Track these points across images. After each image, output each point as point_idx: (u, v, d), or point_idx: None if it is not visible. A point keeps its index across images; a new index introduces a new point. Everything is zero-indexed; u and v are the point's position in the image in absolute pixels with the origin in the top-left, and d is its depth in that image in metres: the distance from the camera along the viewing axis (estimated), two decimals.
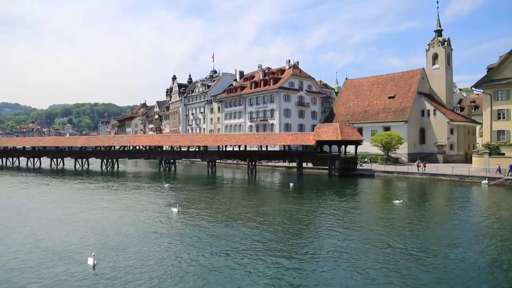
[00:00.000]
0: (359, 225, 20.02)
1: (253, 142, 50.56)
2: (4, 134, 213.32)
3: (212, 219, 20.90)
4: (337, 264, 13.50)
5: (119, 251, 14.87)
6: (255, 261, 13.73)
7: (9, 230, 18.64)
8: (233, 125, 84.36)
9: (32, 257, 14.35)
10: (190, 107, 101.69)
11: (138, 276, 12.23)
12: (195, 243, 16.07)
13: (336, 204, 26.72)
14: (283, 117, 72.71)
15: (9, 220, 21.09)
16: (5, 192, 34.47)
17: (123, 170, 61.46)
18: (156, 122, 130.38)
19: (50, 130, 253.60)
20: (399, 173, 44.53)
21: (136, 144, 60.98)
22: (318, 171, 49.92)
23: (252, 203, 27.27)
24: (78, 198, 29.95)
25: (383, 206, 26.69)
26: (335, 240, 16.71)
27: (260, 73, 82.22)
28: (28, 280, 11.98)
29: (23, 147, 77.61)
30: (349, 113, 66.52)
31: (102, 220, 21.00)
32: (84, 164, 65.87)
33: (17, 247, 15.64)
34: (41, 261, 13.81)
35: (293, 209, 24.75)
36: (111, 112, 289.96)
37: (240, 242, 16.18)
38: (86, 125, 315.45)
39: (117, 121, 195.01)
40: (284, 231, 18.41)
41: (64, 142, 73.50)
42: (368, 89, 69.78)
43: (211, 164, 52.75)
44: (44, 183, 42.03)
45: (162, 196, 31.25)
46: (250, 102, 79.71)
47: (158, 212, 23.54)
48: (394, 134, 54.18)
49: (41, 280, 11.96)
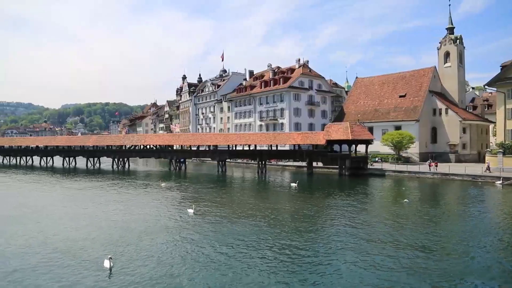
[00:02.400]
0: (369, 224, 19.91)
1: (263, 142, 50.55)
2: (18, 134, 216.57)
3: (227, 220, 20.96)
4: (349, 262, 13.48)
5: (135, 253, 14.93)
6: (269, 260, 13.76)
7: (22, 228, 18.94)
8: (243, 124, 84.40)
9: (46, 256, 14.56)
10: (200, 106, 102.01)
11: (155, 280, 12.18)
12: (211, 244, 16.06)
13: (346, 203, 26.59)
14: (293, 116, 72.51)
15: (23, 218, 21.43)
16: (19, 190, 35.01)
17: (134, 169, 61.92)
18: (167, 122, 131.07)
19: (62, 130, 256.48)
20: (410, 173, 44.14)
21: (147, 143, 61.39)
22: (328, 170, 49.71)
23: (264, 203, 27.24)
24: (91, 197, 30.28)
25: (393, 205, 26.49)
26: (346, 238, 16.68)
27: (269, 72, 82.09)
28: (42, 281, 12.14)
29: (36, 146, 78.64)
30: (360, 112, 66.13)
31: (116, 220, 21.19)
32: (96, 163, 66.50)
33: (30, 246, 15.88)
34: (55, 261, 13.97)
35: (303, 208, 24.70)
36: (122, 112, 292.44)
37: (256, 242, 16.25)
38: (97, 124, 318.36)
39: (128, 121, 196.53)
40: (295, 230, 18.38)
41: (76, 141, 74.37)
42: (379, 88, 69.27)
43: (221, 163, 52.86)
44: (56, 181, 42.55)
45: (174, 195, 31.41)
46: (260, 101, 79.65)
47: (173, 212, 23.61)
48: (405, 133, 53.69)
49: (55, 282, 12.09)
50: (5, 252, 15.14)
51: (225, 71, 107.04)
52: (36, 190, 35.97)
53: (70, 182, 42.38)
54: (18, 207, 25.71)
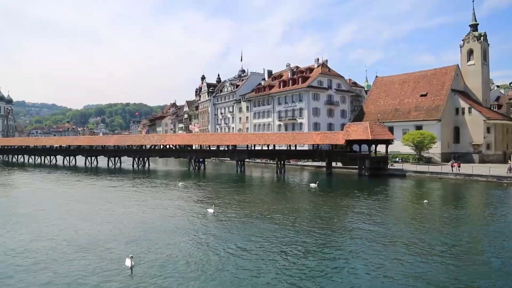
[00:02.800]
0: (388, 225, 19.69)
1: (282, 141, 50.47)
2: (42, 134, 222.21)
3: (246, 219, 21.07)
4: (367, 263, 13.36)
5: (155, 252, 15.11)
6: (288, 261, 13.77)
7: (46, 225, 19.45)
8: (261, 124, 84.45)
9: (68, 252, 14.93)
10: (219, 106, 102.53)
11: (176, 278, 12.32)
12: (231, 244, 16.15)
13: (365, 203, 26.33)
14: (312, 116, 72.13)
15: (48, 216, 21.98)
16: (44, 189, 35.91)
17: (154, 168, 62.70)
18: (186, 122, 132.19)
19: (84, 130, 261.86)
20: (432, 173, 43.34)
21: (167, 143, 62.08)
22: (347, 170, 49.28)
23: (283, 203, 27.23)
24: (112, 196, 30.89)
25: (413, 207, 26.11)
26: (364, 239, 16.53)
27: (288, 72, 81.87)
28: (64, 277, 12.43)
29: (59, 146, 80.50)
30: (380, 112, 65.31)
31: (137, 218, 21.55)
32: (117, 163, 67.58)
33: (54, 242, 16.29)
34: (78, 259, 14.29)
35: (322, 208, 24.59)
36: (142, 112, 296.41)
37: (275, 242, 16.28)
38: (118, 124, 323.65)
39: (148, 121, 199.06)
40: (314, 231, 18.30)
41: (97, 141, 75.83)
42: (399, 87, 68.24)
43: (240, 163, 53.02)
44: (79, 180, 43.48)
45: (193, 194, 31.67)
46: (278, 101, 79.53)
47: (193, 211, 23.82)
48: (426, 133, 52.77)
49: (76, 279, 12.37)
50: (30, 248, 15.57)
51: (243, 71, 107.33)
52: (60, 188, 36.88)
53: (92, 181, 43.24)
54: (43, 205, 26.48)
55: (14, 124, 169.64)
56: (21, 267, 13.45)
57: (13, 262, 13.89)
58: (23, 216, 22.50)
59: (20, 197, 31.78)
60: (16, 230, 18.98)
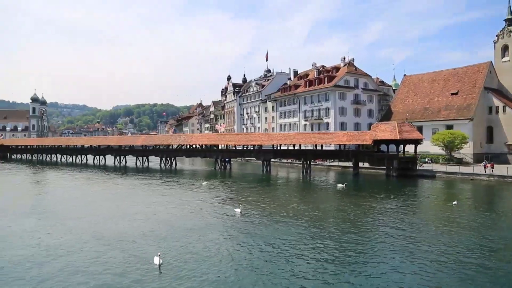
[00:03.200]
0: (415, 226, 19.27)
1: (308, 141, 50.17)
2: (74, 134, 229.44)
3: (273, 219, 21.05)
4: (394, 265, 13.10)
5: (183, 250, 15.28)
6: (315, 261, 13.68)
7: (77, 222, 20.02)
8: (287, 124, 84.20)
9: (97, 249, 15.32)
10: (245, 106, 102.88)
11: (204, 278, 12.40)
12: (258, 244, 16.17)
13: (392, 204, 25.82)
14: (338, 116, 71.36)
15: (79, 213, 22.61)
16: (75, 187, 37.02)
17: (180, 168, 63.53)
18: (212, 122, 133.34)
19: (113, 130, 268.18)
20: (463, 175, 42.05)
21: (193, 143, 62.83)
22: (375, 171, 48.50)
23: (310, 203, 27.08)
24: (140, 194, 31.52)
25: (441, 208, 25.44)
26: (391, 240, 16.22)
27: (314, 71, 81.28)
28: (93, 273, 12.76)
29: (90, 146, 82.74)
30: (408, 111, 63.89)
31: (164, 217, 21.89)
32: (144, 162, 68.82)
33: (83, 239, 16.75)
34: (107, 255, 14.63)
35: (349, 209, 24.30)
36: (169, 112, 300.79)
37: (302, 242, 16.23)
38: (146, 124, 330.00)
39: (174, 121, 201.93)
40: (341, 231, 18.10)
41: (126, 141, 77.56)
42: (428, 86, 66.53)
43: (265, 163, 53.05)
44: (108, 179, 44.56)
45: (220, 194, 31.88)
46: (304, 101, 79.09)
47: (220, 211, 23.97)
48: (457, 133, 51.25)
49: (105, 276, 12.68)
50: (61, 245, 16.09)
51: (269, 71, 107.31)
52: (90, 187, 38.01)
53: (121, 180, 44.26)
54: (74, 202, 27.42)
55: (47, 124, 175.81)
56: (55, 261, 13.93)
57: (47, 256, 14.40)
58: (56, 213, 23.36)
59: (53, 194, 33.03)
60: (50, 225, 19.72)
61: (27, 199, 30.35)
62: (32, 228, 19.41)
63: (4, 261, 14.15)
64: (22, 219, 21.70)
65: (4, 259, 14.29)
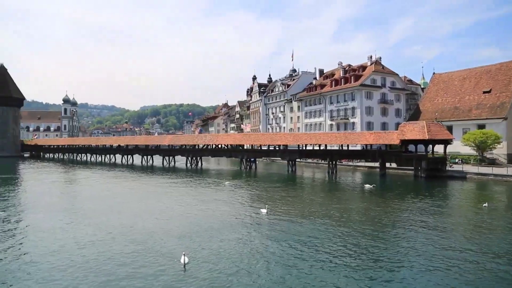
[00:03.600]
0: (443, 228, 18.76)
1: (334, 141, 49.73)
2: (103, 133, 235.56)
3: (299, 220, 20.91)
4: (421, 268, 12.85)
5: (208, 249, 15.40)
6: (340, 262, 13.61)
7: (106, 220, 20.55)
8: (313, 124, 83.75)
9: (124, 246, 15.68)
10: (270, 106, 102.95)
11: (229, 277, 12.48)
12: (284, 245, 16.11)
13: (420, 206, 25.26)
14: (364, 115, 70.46)
15: (107, 211, 23.20)
16: (104, 186, 37.98)
17: (206, 168, 64.17)
18: (237, 121, 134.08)
19: (141, 130, 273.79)
20: (496, 176, 40.64)
21: (219, 143, 63.35)
22: (402, 172, 47.59)
23: (336, 204, 26.85)
24: (166, 193, 32.00)
25: (472, 210, 24.68)
26: (418, 243, 15.89)
27: (340, 70, 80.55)
28: (118, 270, 13.09)
29: (118, 145, 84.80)
30: (437, 110, 62.36)
31: (190, 216, 22.13)
32: (171, 162, 69.84)
33: (111, 236, 17.19)
34: (133, 254, 14.95)
35: (376, 210, 23.95)
36: (195, 112, 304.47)
37: (329, 244, 16.11)
38: (172, 124, 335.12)
39: (200, 121, 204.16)
40: (368, 233, 17.86)
41: (153, 141, 79.02)
42: (459, 84, 64.68)
43: (291, 163, 52.93)
44: (136, 178, 45.52)
45: (245, 194, 32.03)
46: (330, 101, 78.47)
47: (246, 211, 24.05)
48: (490, 133, 49.59)
49: (130, 273, 13.00)
50: (89, 240, 16.60)
51: (294, 71, 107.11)
52: (118, 185, 38.99)
53: (148, 179, 45.12)
54: (103, 200, 28.19)
55: (78, 124, 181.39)
56: (83, 256, 14.42)
57: (77, 253, 14.85)
58: (86, 210, 24.12)
59: (84, 192, 34.04)
60: (80, 222, 20.41)
61: (59, 196, 31.48)
62: (63, 224, 20.18)
63: (36, 254, 14.77)
64: (54, 215, 22.54)
65: (36, 253, 14.90)
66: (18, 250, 15.61)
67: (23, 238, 17.38)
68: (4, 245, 16.12)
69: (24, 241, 16.92)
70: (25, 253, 14.98)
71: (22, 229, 19.21)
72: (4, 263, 13.79)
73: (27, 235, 18.09)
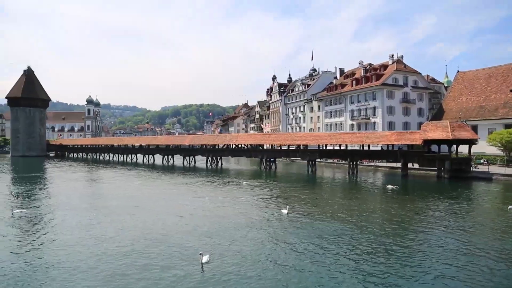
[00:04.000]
0: (470, 232, 18.32)
1: (354, 141, 49.19)
2: (125, 133, 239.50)
3: (319, 221, 20.78)
4: (443, 271, 12.60)
5: (227, 249, 15.45)
6: (362, 264, 13.49)
7: (128, 218, 20.91)
8: (333, 123, 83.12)
9: (144, 243, 15.96)
10: (290, 106, 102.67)
11: (248, 278, 12.52)
12: (305, 245, 16.06)
13: (444, 207, 24.76)
14: (386, 115, 69.47)
15: (129, 209, 23.53)
16: (126, 185, 38.62)
17: (226, 167, 64.48)
18: (257, 121, 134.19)
19: (162, 130, 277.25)
20: None
21: (238, 143, 63.52)
22: (425, 172, 46.71)
23: (357, 205, 26.54)
24: (187, 192, 32.30)
25: (497, 212, 24.01)
26: (440, 245, 15.58)
27: (361, 69, 79.64)
28: (135, 266, 13.32)
29: (139, 145, 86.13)
30: (461, 110, 60.96)
31: (209, 215, 22.23)
32: (191, 161, 70.45)
33: (133, 234, 17.47)
34: (153, 253, 15.16)
35: (399, 212, 23.59)
36: (215, 112, 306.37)
37: (349, 244, 16.01)
38: (192, 124, 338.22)
39: (220, 121, 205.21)
40: (390, 235, 17.62)
41: (173, 141, 79.79)
42: (485, 82, 63.03)
43: (311, 163, 52.65)
44: (157, 177, 46.11)
45: (265, 194, 31.97)
46: (351, 100, 77.70)
47: (266, 210, 23.98)
48: None
49: (148, 270, 13.20)
50: (111, 237, 17.00)
51: (314, 70, 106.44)
52: (140, 184, 39.59)
53: (169, 178, 45.62)
54: (125, 198, 28.76)
55: (101, 125, 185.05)
56: (104, 253, 14.80)
57: (100, 250, 15.23)
58: (108, 208, 24.68)
59: (106, 191, 34.90)
60: (103, 221, 20.85)
61: (83, 194, 32.34)
62: (88, 221, 20.82)
63: (60, 250, 15.26)
64: (79, 212, 23.18)
65: (60, 249, 15.36)
66: (48, 244, 16.28)
67: (50, 234, 17.93)
68: (35, 240, 16.76)
69: (52, 236, 17.55)
70: (53, 248, 15.50)
71: (50, 225, 19.89)
72: (34, 256, 14.35)
73: (55, 230, 18.74)
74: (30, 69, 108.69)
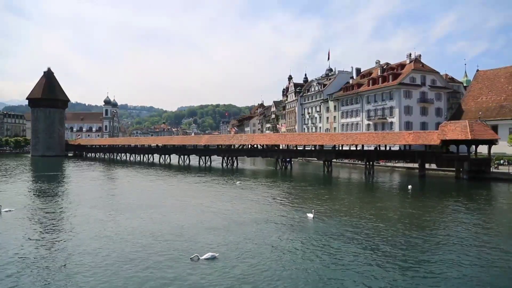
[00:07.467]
0: (486, 234, 18.03)
1: (371, 141, 48.76)
2: (142, 134, 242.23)
3: (345, 223, 20.60)
4: (464, 275, 12.46)
5: (241, 252, 15.40)
6: (384, 266, 13.44)
7: (144, 214, 21.16)
8: (349, 123, 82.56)
9: (157, 241, 16.15)
10: (306, 106, 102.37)
11: (261, 279, 12.62)
12: (327, 248, 16.03)
13: (464, 209, 24.37)
14: (403, 115, 68.65)
15: (145, 207, 23.78)
16: (142, 184, 39.14)
17: (241, 167, 64.64)
18: (273, 122, 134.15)
19: (178, 130, 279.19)
20: None
21: (254, 143, 63.65)
22: (443, 173, 46.05)
23: (374, 206, 26.19)
24: (203, 192, 32.62)
25: None
26: (458, 248, 15.38)
27: (378, 69, 78.89)
28: (150, 263, 13.50)
29: (156, 145, 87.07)
30: (481, 109, 59.80)
31: (227, 216, 22.14)
32: (207, 161, 70.84)
33: (150, 232, 17.68)
34: (167, 248, 15.33)
35: (417, 213, 23.30)
36: (231, 113, 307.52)
37: (369, 246, 15.93)
38: (208, 125, 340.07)
39: (236, 121, 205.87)
40: (412, 237, 17.47)
41: (189, 141, 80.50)
42: (506, 81, 61.62)
43: (327, 163, 52.39)
44: (173, 177, 46.53)
45: (282, 195, 31.78)
46: (367, 100, 77.04)
47: (290, 215, 22.80)
48: None
49: (160, 266, 13.38)
50: (128, 235, 17.35)
51: (331, 70, 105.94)
52: (156, 183, 40.12)
53: (184, 178, 46.05)
54: (142, 197, 29.36)
55: (118, 125, 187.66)
56: (119, 250, 15.16)
57: (115, 246, 15.62)
58: (125, 206, 25.26)
59: (124, 189, 35.53)
60: (119, 217, 21.46)
61: (101, 192, 32.96)
62: (106, 217, 21.45)
63: (76, 246, 15.72)
64: (97, 210, 23.78)
65: (76, 245, 15.80)
66: (69, 238, 16.86)
67: (70, 229, 18.40)
68: (57, 235, 17.24)
69: (72, 232, 18.13)
70: (74, 243, 15.87)
71: (71, 221, 20.55)
72: (56, 251, 14.74)
73: (75, 226, 19.35)
74: (50, 70, 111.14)
